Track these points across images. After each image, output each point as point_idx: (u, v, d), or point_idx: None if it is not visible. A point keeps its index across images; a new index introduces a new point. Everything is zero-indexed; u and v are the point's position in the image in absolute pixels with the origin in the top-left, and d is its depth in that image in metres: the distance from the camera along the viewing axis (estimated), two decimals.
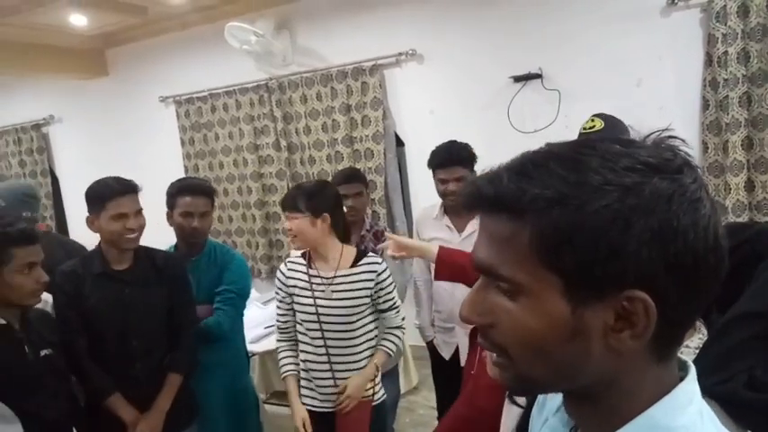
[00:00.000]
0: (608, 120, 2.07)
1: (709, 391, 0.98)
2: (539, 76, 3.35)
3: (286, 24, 4.00)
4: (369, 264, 1.94)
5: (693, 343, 1.09)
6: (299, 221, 1.89)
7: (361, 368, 1.95)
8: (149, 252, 1.96)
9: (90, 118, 5.02)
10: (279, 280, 2.03)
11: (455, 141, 2.30)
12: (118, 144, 4.90)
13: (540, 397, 0.68)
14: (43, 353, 1.61)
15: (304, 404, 1.99)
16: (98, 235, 1.88)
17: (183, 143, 4.56)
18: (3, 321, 1.53)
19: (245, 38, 3.77)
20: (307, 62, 4.02)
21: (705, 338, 1.06)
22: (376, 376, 1.98)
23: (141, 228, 1.86)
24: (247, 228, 4.45)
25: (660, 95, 3.10)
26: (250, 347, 2.56)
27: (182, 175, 4.54)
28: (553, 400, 0.62)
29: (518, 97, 3.42)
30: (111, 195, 1.81)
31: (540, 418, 0.66)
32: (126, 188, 1.85)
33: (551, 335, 0.49)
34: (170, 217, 2.15)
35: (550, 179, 0.48)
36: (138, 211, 1.86)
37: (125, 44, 4.64)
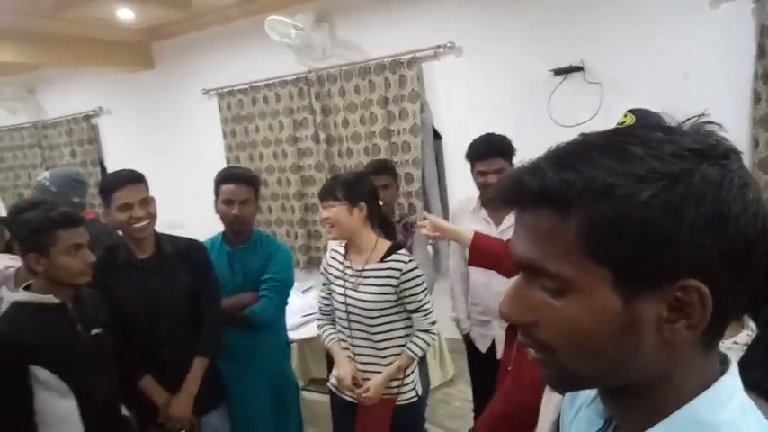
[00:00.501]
0: (641, 115, 2.03)
1: (757, 387, 0.97)
2: (580, 68, 3.29)
3: (325, 17, 4.04)
4: (395, 261, 1.91)
5: (742, 339, 1.07)
6: (337, 209, 1.91)
7: (382, 365, 1.95)
8: (171, 240, 2.02)
9: (136, 110, 5.18)
10: (323, 266, 2.10)
11: (493, 134, 2.29)
12: (162, 135, 5.05)
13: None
14: (94, 332, 1.69)
15: (334, 385, 2.04)
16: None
17: (224, 135, 4.66)
18: (57, 301, 1.61)
19: (285, 31, 3.83)
20: (346, 55, 4.05)
21: (753, 334, 1.04)
22: (401, 377, 1.96)
23: (150, 216, 1.90)
24: (287, 218, 4.52)
25: (708, 89, 3.01)
26: (289, 335, 2.62)
27: (223, 166, 4.64)
28: (586, 390, 0.61)
29: (559, 90, 3.37)
30: (114, 187, 1.87)
31: (573, 408, 0.65)
32: (129, 178, 1.90)
33: (603, 331, 0.48)
34: (216, 205, 2.21)
35: (595, 170, 0.47)
36: (144, 200, 1.89)
37: (170, 38, 4.76)
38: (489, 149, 2.18)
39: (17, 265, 1.82)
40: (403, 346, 1.95)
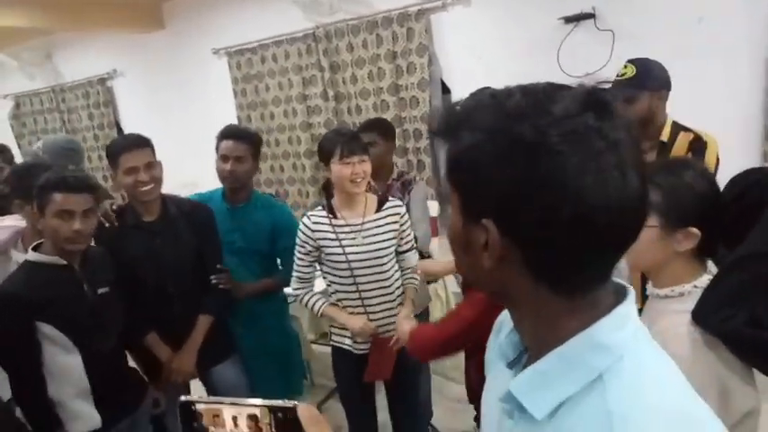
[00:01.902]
0: (641, 65, 1.99)
1: (713, 329, 1.00)
2: (591, 15, 3.18)
3: None
4: (393, 207, 2.05)
5: (701, 283, 1.09)
6: (368, 164, 1.96)
7: (394, 306, 2.05)
8: (176, 201, 2.07)
9: (149, 71, 5.22)
10: (304, 234, 2.02)
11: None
12: (175, 96, 5.09)
13: (498, 321, 0.72)
14: (100, 291, 1.77)
15: (338, 342, 2.11)
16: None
17: (235, 94, 4.67)
18: (63, 262, 1.68)
19: None
20: (353, 9, 3.97)
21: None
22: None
23: (155, 179, 1.94)
24: (298, 177, 4.57)
25: (724, 34, 2.88)
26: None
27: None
28: (509, 323, 0.66)
29: (569, 39, 3.28)
30: (120, 151, 1.91)
31: (496, 341, 0.71)
32: (135, 142, 1.93)
33: (456, 241, 0.60)
34: (216, 163, 2.24)
35: (467, 116, 0.55)
36: (149, 164, 1.93)
37: None
38: None
39: (23, 226, 1.90)
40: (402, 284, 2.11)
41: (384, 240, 2.00)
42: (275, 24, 4.28)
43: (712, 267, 1.13)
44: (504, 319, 0.71)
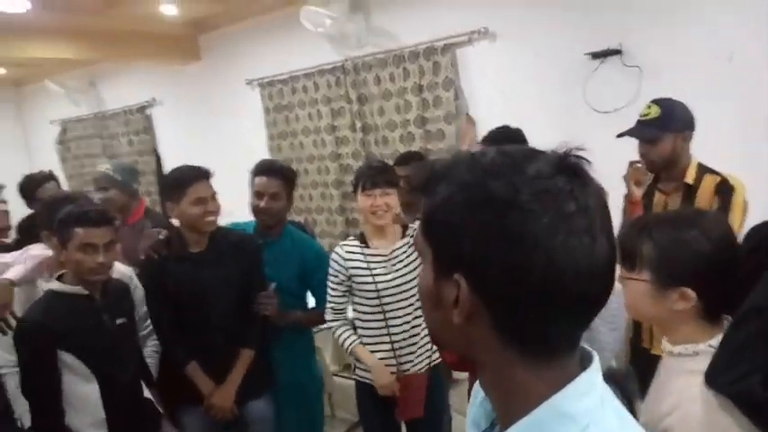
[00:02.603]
0: (665, 106, 1.95)
1: (723, 390, 0.96)
2: (618, 51, 3.15)
3: (360, 6, 4.05)
4: (414, 229, 2.06)
5: (716, 341, 1.05)
6: (394, 197, 1.99)
7: (419, 341, 2.05)
8: (224, 232, 2.09)
9: (186, 100, 5.39)
10: (337, 263, 2.08)
11: (507, 126, 2.27)
12: (210, 124, 5.24)
13: (474, 387, 0.72)
14: (119, 321, 1.82)
15: (363, 377, 2.10)
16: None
17: (267, 124, 4.78)
18: (85, 292, 1.74)
19: (320, 21, 3.87)
20: (381, 43, 4.05)
21: None
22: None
23: (219, 210, 2.00)
24: (326, 206, 4.62)
25: (756, 71, 2.82)
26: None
27: (266, 155, 4.79)
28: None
29: (595, 75, 3.25)
30: (190, 181, 1.96)
31: (471, 409, 0.71)
32: (204, 174, 2.00)
33: (425, 297, 0.59)
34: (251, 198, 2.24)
35: (443, 173, 0.56)
36: (214, 195, 2.00)
37: (214, 30, 4.91)
38: (492, 142, 2.16)
39: (49, 255, 1.97)
40: None
41: (413, 269, 2.02)
42: (306, 57, 4.39)
43: None
44: (479, 386, 0.70)
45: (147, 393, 1.91)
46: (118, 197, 2.55)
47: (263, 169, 2.20)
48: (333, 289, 2.10)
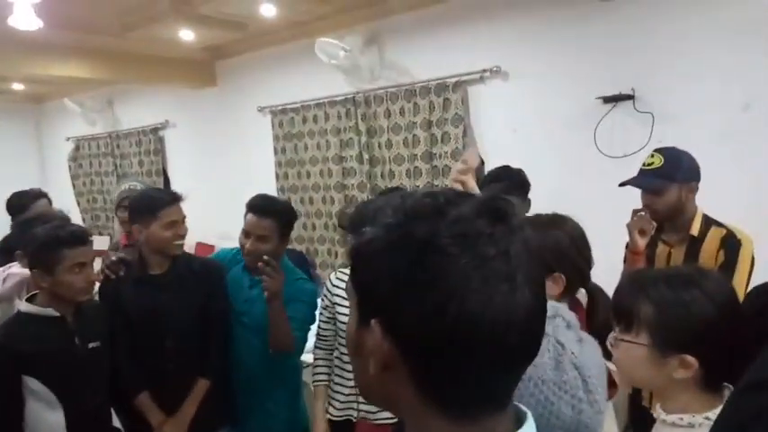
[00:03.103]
0: (670, 156, 1.88)
1: None
2: (630, 97, 3.10)
3: (375, 39, 4.07)
4: None
5: (715, 415, 0.95)
6: None
7: None
8: (187, 257, 2.07)
9: (199, 124, 5.43)
10: (326, 287, 2.06)
11: (507, 166, 2.21)
12: (220, 149, 5.26)
13: None
14: (91, 345, 1.75)
15: (327, 413, 2.01)
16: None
17: (275, 151, 4.78)
18: (57, 314, 1.68)
19: (334, 53, 3.89)
20: (393, 77, 4.05)
21: None
22: None
23: (186, 234, 1.99)
24: (329, 236, 4.56)
25: None
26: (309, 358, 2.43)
27: (272, 181, 4.77)
28: None
29: (607, 119, 3.20)
30: (163, 205, 1.93)
31: None
32: (176, 197, 1.98)
33: (349, 343, 0.58)
34: None
35: (371, 214, 0.57)
36: (184, 219, 1.99)
37: (231, 57, 4.97)
38: (493, 181, 2.10)
39: (28, 274, 1.93)
40: None
41: None
42: (318, 87, 4.40)
43: None
44: None
45: (116, 422, 1.83)
46: None
47: (254, 207, 2.03)
48: (321, 313, 2.07)
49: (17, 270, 1.89)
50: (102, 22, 3.94)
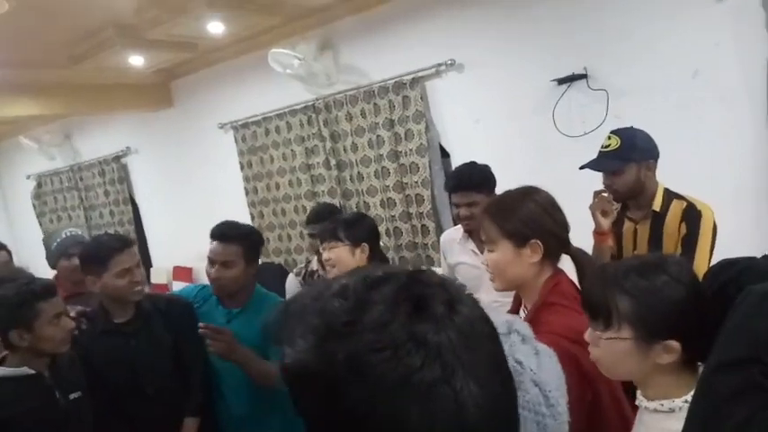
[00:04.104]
0: (625, 137, 1.92)
1: None
2: (584, 76, 3.15)
3: (328, 44, 4.05)
4: None
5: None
6: (339, 250, 1.91)
7: None
8: (151, 298, 2.03)
9: (161, 147, 5.35)
10: None
11: (473, 163, 2.22)
12: (186, 169, 5.19)
13: None
14: (72, 396, 1.73)
15: None
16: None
17: (242, 167, 4.74)
18: (32, 371, 1.65)
19: (288, 62, 3.86)
20: (351, 80, 4.04)
21: None
22: None
23: (144, 279, 1.95)
24: (305, 246, 4.54)
25: (720, 86, 2.82)
26: None
27: (242, 197, 4.74)
28: None
29: (563, 100, 3.24)
30: (111, 254, 1.86)
31: None
32: (126, 243, 1.92)
33: None
34: None
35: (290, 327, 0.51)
36: (139, 263, 1.93)
37: (184, 76, 4.90)
38: (459, 183, 2.12)
39: None
40: None
41: None
42: (277, 98, 4.37)
43: None
44: None
45: None
46: None
47: (216, 234, 2.01)
48: None
49: None
50: (50, 57, 3.85)
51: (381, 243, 2.72)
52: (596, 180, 2.14)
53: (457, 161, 3.76)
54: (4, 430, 1.57)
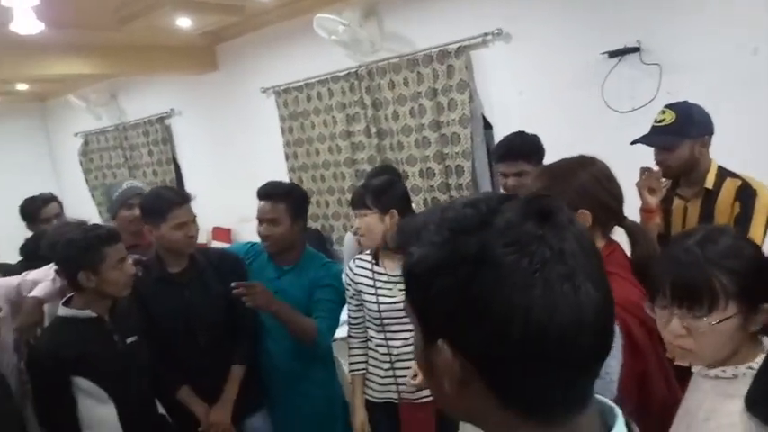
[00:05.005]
0: (681, 111, 1.87)
1: (765, 418, 0.88)
2: (636, 49, 3.06)
3: (373, 11, 4.02)
4: None
5: (758, 364, 0.97)
6: (368, 218, 1.93)
7: None
8: (204, 252, 2.11)
9: (204, 110, 5.44)
10: (348, 276, 2.08)
11: (522, 133, 2.21)
12: (227, 133, 5.28)
13: None
14: (129, 340, 1.82)
15: (366, 394, 2.07)
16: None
17: (282, 132, 4.79)
18: (94, 315, 1.75)
19: (333, 28, 3.85)
20: (394, 48, 4.01)
21: None
22: None
23: (198, 232, 2.02)
24: (342, 212, 4.60)
25: None
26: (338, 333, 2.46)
27: (282, 162, 4.80)
28: None
29: (613, 74, 3.17)
30: (170, 207, 1.94)
31: None
32: (184, 198, 1.99)
33: (419, 364, 0.57)
34: None
35: (414, 232, 0.54)
36: (194, 219, 2.01)
37: (230, 40, 4.94)
38: (508, 151, 2.11)
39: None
40: None
41: None
42: (320, 64, 4.38)
43: None
44: None
45: (161, 410, 1.92)
46: None
47: (261, 193, 2.10)
48: (348, 303, 2.10)
49: (41, 274, 1.94)
50: (100, 17, 3.92)
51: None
52: (642, 157, 2.10)
53: (499, 133, 3.72)
54: (73, 368, 1.67)
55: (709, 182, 1.91)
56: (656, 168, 1.93)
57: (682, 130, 1.86)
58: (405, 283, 0.54)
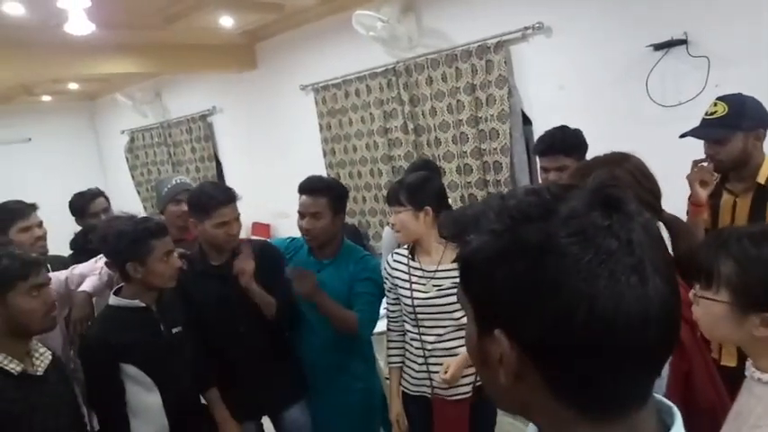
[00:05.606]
0: (734, 103, 1.81)
1: None
2: (683, 41, 2.97)
3: (411, 7, 4.02)
4: None
5: None
6: (402, 215, 1.95)
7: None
8: (247, 243, 2.14)
9: (244, 107, 5.54)
10: (385, 270, 2.10)
11: (564, 127, 2.17)
12: (267, 130, 5.37)
13: None
14: (175, 330, 1.88)
15: (402, 387, 2.08)
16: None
17: (321, 128, 4.84)
18: (143, 304, 1.81)
19: (372, 24, 3.87)
20: (432, 43, 4.00)
21: None
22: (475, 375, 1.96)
23: (240, 230, 2.06)
24: (379, 208, 4.62)
25: None
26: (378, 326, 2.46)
27: (320, 158, 4.85)
28: None
29: (659, 67, 3.08)
30: (216, 206, 1.99)
31: None
32: (230, 198, 2.04)
33: (472, 354, 0.56)
34: None
35: (474, 219, 0.53)
36: (237, 217, 2.05)
37: (269, 38, 5.01)
38: (549, 146, 2.08)
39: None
40: None
41: (452, 294, 1.92)
42: (358, 60, 4.40)
43: None
44: None
45: (202, 400, 1.97)
46: None
47: (303, 188, 2.14)
48: (386, 296, 2.12)
49: (87, 267, 2.02)
50: (146, 18, 4.04)
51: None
52: (689, 152, 2.04)
53: (539, 129, 3.67)
54: (122, 355, 1.74)
55: (762, 177, 1.84)
56: (707, 162, 1.87)
57: (734, 123, 1.80)
58: (460, 272, 0.53)
